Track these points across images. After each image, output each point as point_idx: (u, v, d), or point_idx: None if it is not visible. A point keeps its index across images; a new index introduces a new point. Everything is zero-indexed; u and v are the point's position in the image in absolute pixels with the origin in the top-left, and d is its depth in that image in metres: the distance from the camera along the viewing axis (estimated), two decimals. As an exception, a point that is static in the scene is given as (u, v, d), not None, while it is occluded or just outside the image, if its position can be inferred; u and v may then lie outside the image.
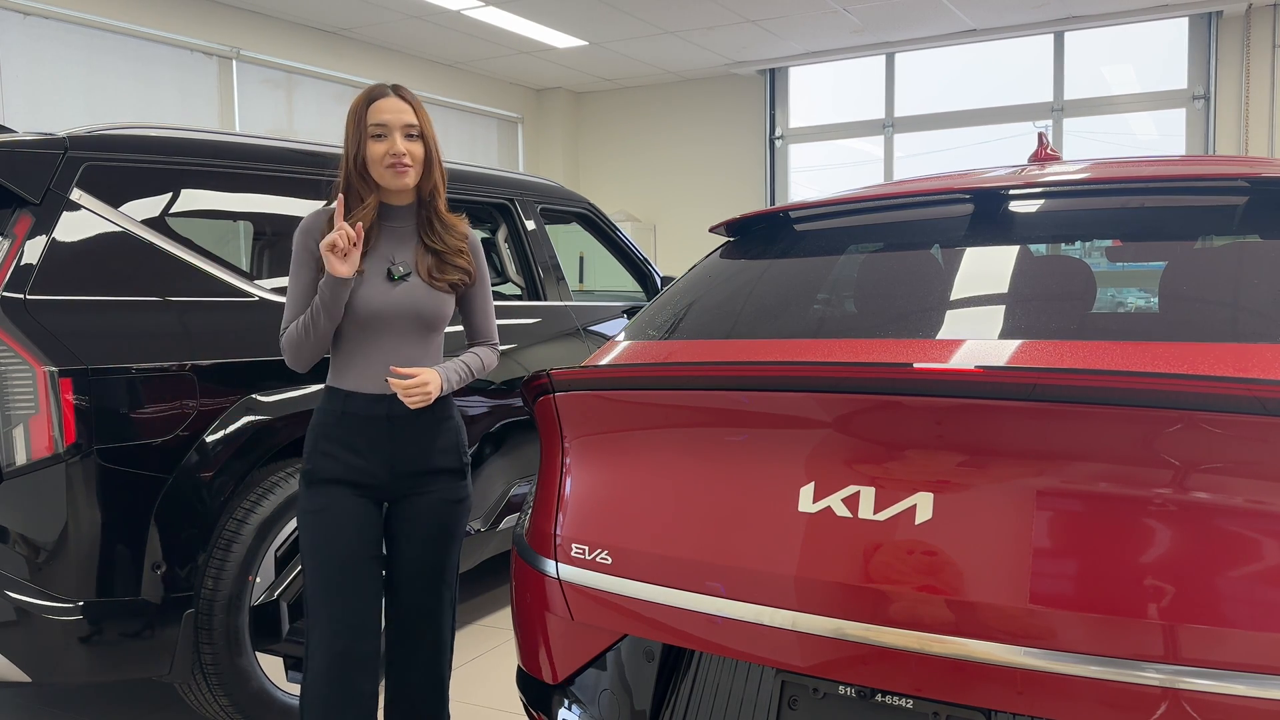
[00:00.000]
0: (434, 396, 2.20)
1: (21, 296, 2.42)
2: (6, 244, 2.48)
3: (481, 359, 2.39)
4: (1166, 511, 1.27)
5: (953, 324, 1.79)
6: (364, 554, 2.22)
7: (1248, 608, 1.22)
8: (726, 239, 2.35)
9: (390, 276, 2.22)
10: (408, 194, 2.26)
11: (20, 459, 2.38)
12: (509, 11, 8.33)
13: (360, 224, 2.15)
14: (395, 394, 2.19)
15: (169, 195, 2.83)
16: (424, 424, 2.27)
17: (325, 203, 2.23)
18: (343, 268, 2.10)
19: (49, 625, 2.41)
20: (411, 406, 2.17)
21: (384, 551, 2.30)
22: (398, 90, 2.21)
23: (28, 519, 2.42)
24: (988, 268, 1.90)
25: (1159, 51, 9.15)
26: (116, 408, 2.48)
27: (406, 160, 2.17)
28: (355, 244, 2.11)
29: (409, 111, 2.19)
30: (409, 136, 2.18)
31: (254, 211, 3.19)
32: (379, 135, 2.17)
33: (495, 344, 2.44)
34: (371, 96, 2.20)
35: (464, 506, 2.35)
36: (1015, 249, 1.93)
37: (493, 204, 4.14)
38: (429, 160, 2.23)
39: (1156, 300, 1.98)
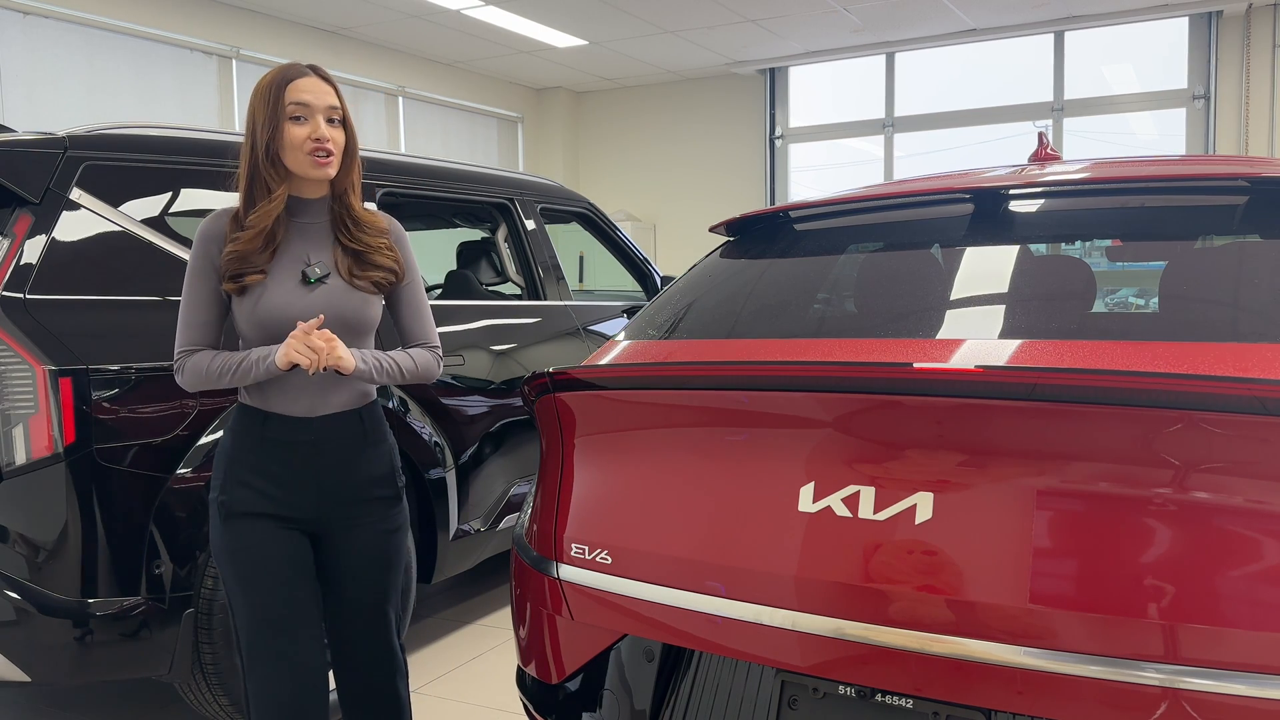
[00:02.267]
0: (344, 365, 1.93)
1: (21, 296, 2.42)
2: (6, 243, 2.48)
3: (415, 360, 2.11)
4: (1166, 511, 1.27)
5: (953, 323, 1.79)
6: (297, 590, 2.02)
7: (1248, 608, 1.22)
8: (726, 239, 2.35)
9: (306, 279, 1.99)
10: (321, 186, 2.03)
11: (20, 459, 2.38)
12: (509, 11, 8.33)
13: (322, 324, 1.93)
14: (320, 416, 2.02)
15: (169, 195, 2.83)
16: (353, 449, 2.05)
17: (243, 196, 2.02)
18: (290, 359, 1.90)
19: (49, 625, 2.41)
20: (304, 365, 1.89)
21: (317, 583, 2.11)
22: (317, 71, 1.99)
23: (28, 519, 2.41)
24: (988, 267, 1.90)
25: (1159, 51, 9.15)
26: (116, 407, 2.48)
27: (330, 146, 1.96)
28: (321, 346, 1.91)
29: (332, 94, 1.98)
30: (331, 121, 1.97)
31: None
32: (299, 118, 1.94)
33: (435, 347, 2.17)
34: (288, 76, 1.96)
35: (402, 534, 2.16)
36: (1015, 249, 1.93)
37: (493, 203, 4.15)
38: (350, 150, 2.02)
39: (1153, 299, 1.98)
